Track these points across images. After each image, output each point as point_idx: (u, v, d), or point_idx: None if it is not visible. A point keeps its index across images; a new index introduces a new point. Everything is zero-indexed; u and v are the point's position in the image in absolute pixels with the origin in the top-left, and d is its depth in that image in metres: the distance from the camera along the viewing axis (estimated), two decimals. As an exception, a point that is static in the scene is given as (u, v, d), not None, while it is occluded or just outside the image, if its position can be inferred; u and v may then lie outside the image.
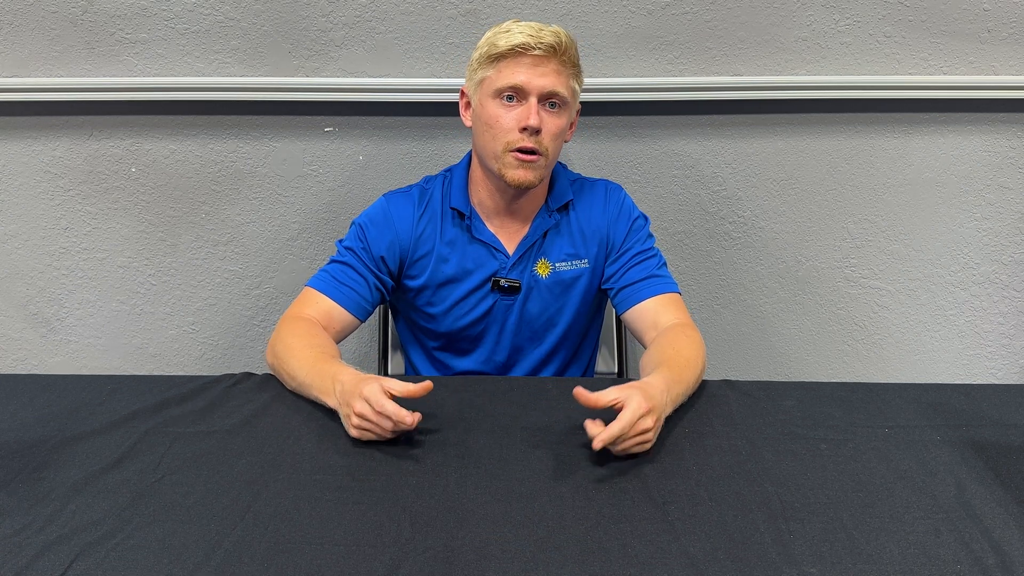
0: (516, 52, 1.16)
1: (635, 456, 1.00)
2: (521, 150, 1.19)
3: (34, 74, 1.62)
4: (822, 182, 1.73)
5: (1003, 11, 1.58)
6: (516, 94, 1.19)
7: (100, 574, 0.81)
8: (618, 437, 0.95)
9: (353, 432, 1.02)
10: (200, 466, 0.98)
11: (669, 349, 1.17)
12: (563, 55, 1.18)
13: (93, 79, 1.61)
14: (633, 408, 0.96)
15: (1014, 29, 1.59)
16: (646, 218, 1.36)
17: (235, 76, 1.62)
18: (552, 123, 1.20)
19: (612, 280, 1.33)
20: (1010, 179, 1.72)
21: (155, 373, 1.86)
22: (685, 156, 1.71)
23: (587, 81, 1.61)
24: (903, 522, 0.89)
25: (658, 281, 1.30)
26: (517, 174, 1.21)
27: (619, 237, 1.33)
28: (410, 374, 1.48)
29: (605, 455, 1.00)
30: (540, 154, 1.20)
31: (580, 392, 0.98)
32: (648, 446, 1.00)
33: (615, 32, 1.59)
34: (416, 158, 1.70)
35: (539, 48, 1.16)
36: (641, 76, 1.62)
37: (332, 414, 1.09)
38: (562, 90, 1.19)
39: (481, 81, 1.22)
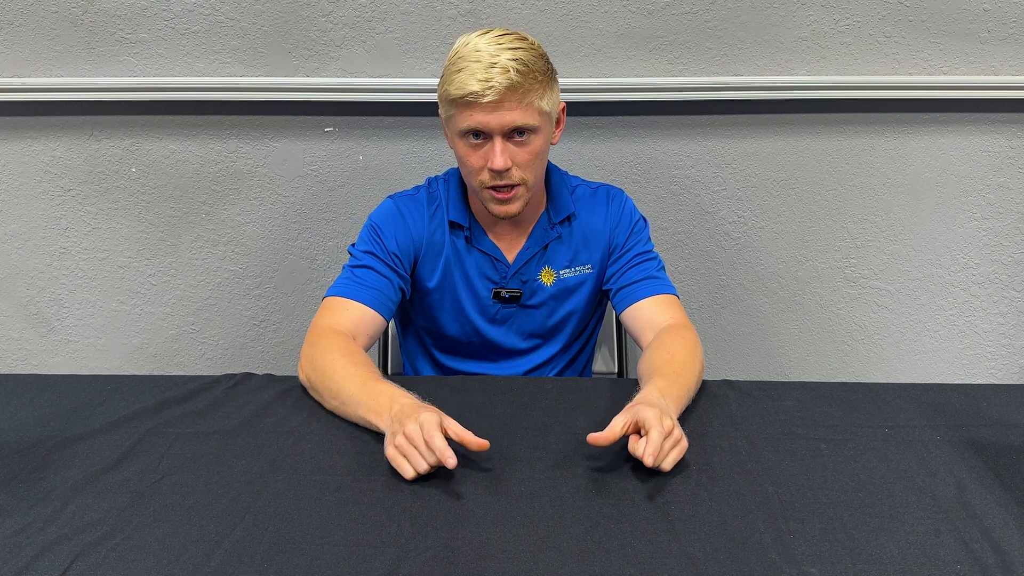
0: (468, 100, 1.13)
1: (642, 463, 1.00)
2: (494, 187, 1.19)
3: (34, 74, 1.62)
4: (822, 182, 1.73)
5: (1003, 11, 1.58)
6: (480, 134, 1.17)
7: (100, 574, 0.81)
8: (660, 444, 0.94)
9: (390, 450, 0.98)
10: (200, 466, 0.98)
11: (664, 353, 1.16)
12: (519, 89, 1.13)
13: (93, 79, 1.61)
14: (648, 416, 0.95)
15: (1014, 29, 1.59)
16: (646, 221, 1.37)
17: (235, 76, 1.62)
18: (523, 153, 1.18)
19: (611, 280, 1.33)
20: (1010, 179, 1.72)
21: (155, 373, 1.86)
22: (685, 156, 1.71)
23: (587, 81, 1.62)
24: (903, 522, 0.89)
25: (656, 282, 1.30)
26: (498, 209, 1.21)
27: (621, 239, 1.33)
28: (408, 374, 1.48)
29: (604, 455, 1.00)
30: (517, 185, 1.19)
31: (593, 439, 0.96)
32: (686, 445, 0.98)
33: (615, 32, 1.59)
34: (416, 158, 1.70)
35: (490, 93, 1.11)
36: (641, 76, 1.62)
37: (331, 414, 1.09)
38: (526, 121, 1.15)
39: (447, 119, 1.21)
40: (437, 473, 0.96)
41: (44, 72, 1.62)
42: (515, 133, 1.16)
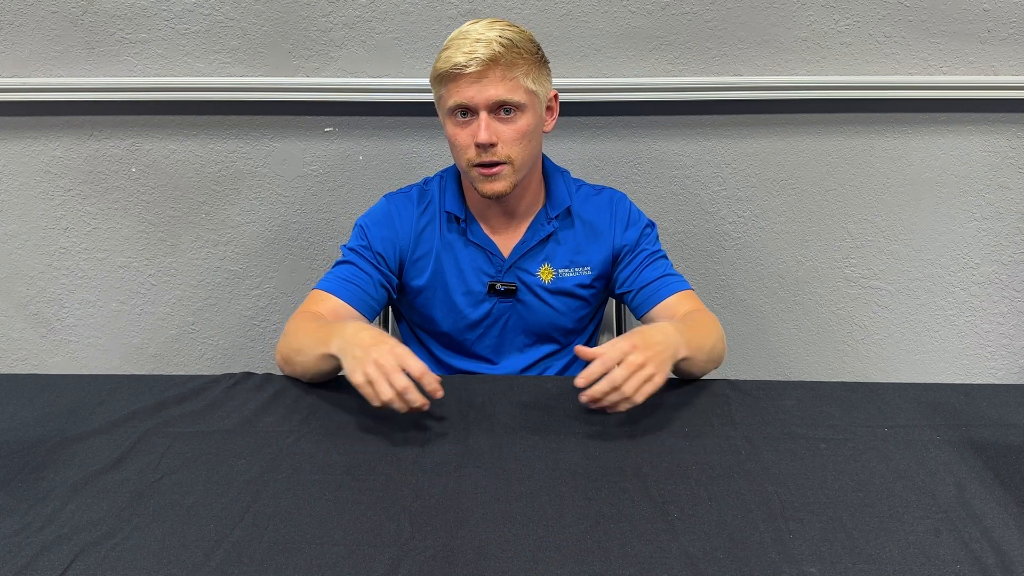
0: (454, 72, 1.15)
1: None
2: (481, 164, 1.19)
3: (34, 74, 1.62)
4: (822, 182, 1.73)
5: (1003, 11, 1.58)
6: (467, 110, 1.18)
7: (100, 574, 0.81)
8: (599, 375, 1.00)
9: (357, 377, 1.02)
10: (200, 466, 0.98)
11: (683, 318, 1.24)
12: (502, 62, 1.15)
13: (93, 79, 1.61)
14: (615, 345, 1.01)
15: (1014, 29, 1.59)
16: (653, 224, 1.37)
17: (235, 76, 1.62)
18: (509, 130, 1.18)
19: (627, 283, 1.33)
20: (1010, 179, 1.72)
21: (155, 373, 1.86)
22: (685, 156, 1.71)
23: (588, 81, 1.62)
24: (903, 522, 0.89)
25: (673, 279, 1.31)
26: (486, 187, 1.21)
27: (630, 243, 1.33)
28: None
29: (604, 454, 1.00)
30: (504, 163, 1.20)
31: (580, 350, 1.03)
32: (657, 380, 1.02)
33: (615, 32, 1.59)
34: (416, 158, 1.70)
35: (473, 64, 1.14)
36: (641, 76, 1.62)
37: (332, 413, 1.09)
38: (511, 96, 1.16)
39: (437, 100, 1.23)
40: (437, 473, 0.97)
41: (44, 72, 1.62)
42: (501, 110, 1.18)
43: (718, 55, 1.61)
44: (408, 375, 1.01)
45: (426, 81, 1.60)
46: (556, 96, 1.28)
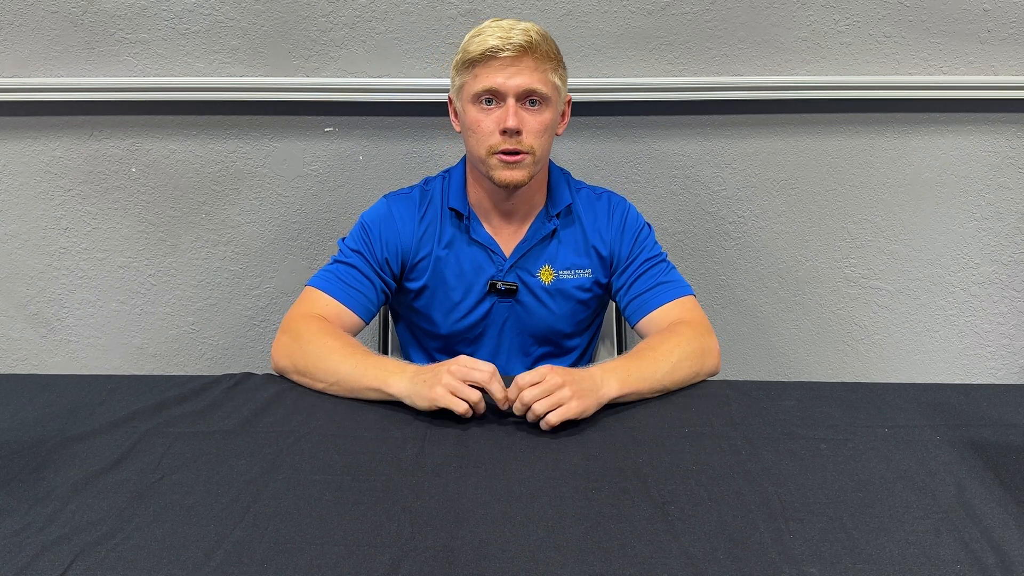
0: (488, 56, 1.16)
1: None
2: (504, 152, 1.19)
3: (34, 74, 1.62)
4: (822, 182, 1.73)
5: (1003, 11, 1.58)
6: (494, 97, 1.18)
7: (100, 574, 0.81)
8: (520, 393, 1.03)
9: (438, 391, 1.04)
10: (200, 466, 0.98)
11: (648, 340, 1.21)
12: (536, 52, 1.17)
13: (93, 79, 1.61)
14: (534, 370, 1.05)
15: (1014, 29, 1.59)
16: (650, 227, 1.37)
17: (235, 76, 1.62)
18: (534, 121, 1.19)
19: (620, 293, 1.33)
20: (1010, 179, 1.72)
21: (155, 373, 1.86)
22: (685, 156, 1.71)
23: (588, 81, 1.62)
24: (903, 522, 0.89)
25: (666, 288, 1.29)
26: (504, 175, 1.21)
27: (624, 250, 1.33)
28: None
29: (603, 454, 1.00)
30: (525, 153, 1.20)
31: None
32: (571, 406, 1.03)
33: (615, 32, 1.59)
34: (416, 158, 1.70)
35: (509, 49, 1.15)
36: (641, 76, 1.62)
37: (332, 413, 1.09)
38: (539, 87, 1.18)
39: (460, 87, 1.22)
40: (437, 473, 0.97)
41: (44, 72, 1.62)
42: (527, 100, 1.19)
43: (718, 55, 1.61)
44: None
45: (426, 81, 1.62)
46: (569, 101, 1.29)
